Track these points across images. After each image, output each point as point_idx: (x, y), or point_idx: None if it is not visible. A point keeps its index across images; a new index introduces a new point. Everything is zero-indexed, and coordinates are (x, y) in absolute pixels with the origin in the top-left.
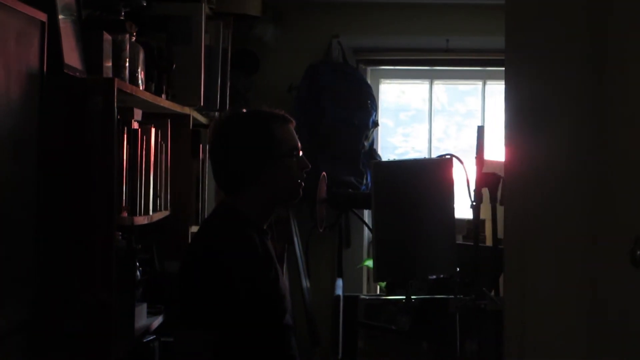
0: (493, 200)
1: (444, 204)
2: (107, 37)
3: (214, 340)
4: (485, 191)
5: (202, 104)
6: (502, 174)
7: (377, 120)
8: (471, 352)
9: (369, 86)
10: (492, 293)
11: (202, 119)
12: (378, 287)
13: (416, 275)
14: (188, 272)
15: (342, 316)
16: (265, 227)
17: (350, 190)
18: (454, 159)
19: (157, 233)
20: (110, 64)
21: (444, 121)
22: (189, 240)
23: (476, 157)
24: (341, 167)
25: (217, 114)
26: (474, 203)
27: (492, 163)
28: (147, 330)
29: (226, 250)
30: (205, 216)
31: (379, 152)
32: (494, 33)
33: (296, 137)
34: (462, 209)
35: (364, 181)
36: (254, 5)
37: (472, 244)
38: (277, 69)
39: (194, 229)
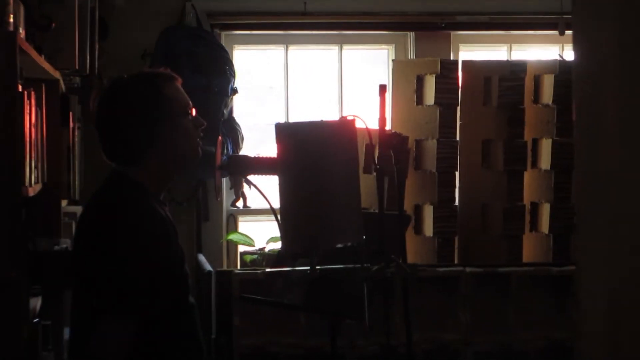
0: (398, 162)
1: (348, 168)
2: None
3: (135, 321)
4: None
5: (77, 66)
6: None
7: (236, 87)
8: (376, 321)
9: (226, 51)
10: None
11: (62, 85)
12: (239, 262)
13: (323, 244)
14: (91, 253)
15: (214, 293)
16: (161, 198)
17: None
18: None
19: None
20: None
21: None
22: (60, 215)
23: (378, 118)
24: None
25: (78, 79)
26: (378, 167)
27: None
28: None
29: (132, 226)
30: (78, 188)
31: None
32: None
33: (185, 94)
34: None
35: (225, 150)
36: None
37: (375, 211)
38: (129, 35)
39: (64, 203)
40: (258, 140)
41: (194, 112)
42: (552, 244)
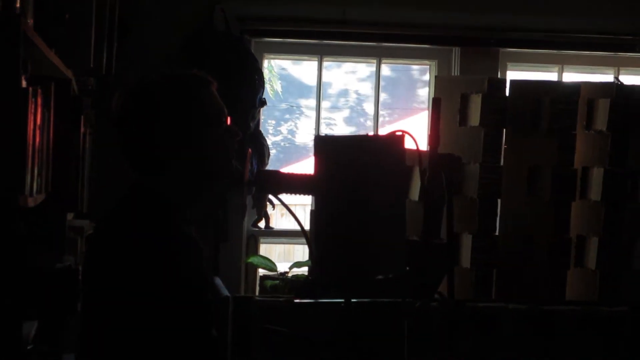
0: (449, 185)
1: (395, 190)
2: None
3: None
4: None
5: (92, 65)
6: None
7: (264, 99)
8: None
9: (256, 59)
10: None
11: (74, 85)
12: (258, 287)
13: (363, 274)
14: (105, 277)
15: (231, 321)
16: (188, 217)
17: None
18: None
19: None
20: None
21: None
22: (65, 230)
23: (430, 135)
24: None
25: (93, 81)
26: (427, 190)
27: None
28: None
29: (155, 252)
30: (86, 200)
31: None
32: (396, 4)
33: (221, 101)
34: None
35: (250, 167)
36: None
37: (416, 239)
38: (151, 36)
39: (70, 216)
40: (283, 159)
41: (229, 121)
42: (598, 281)
